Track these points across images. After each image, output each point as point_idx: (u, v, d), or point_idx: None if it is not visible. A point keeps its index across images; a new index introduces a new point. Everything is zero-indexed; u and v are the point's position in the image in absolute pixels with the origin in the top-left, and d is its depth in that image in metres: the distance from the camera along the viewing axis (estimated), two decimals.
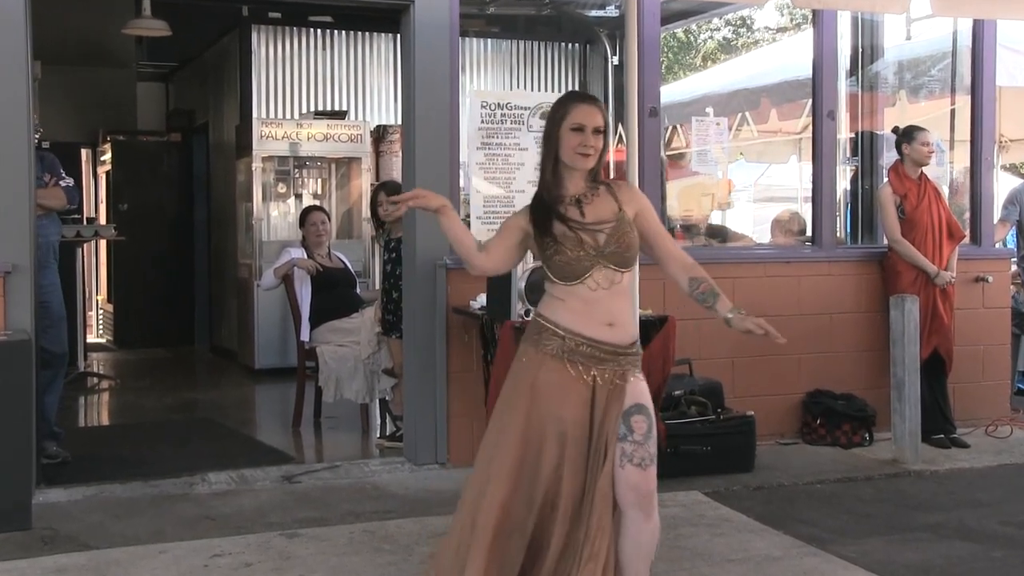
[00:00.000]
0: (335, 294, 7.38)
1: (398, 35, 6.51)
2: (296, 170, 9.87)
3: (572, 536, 3.30)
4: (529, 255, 3.66)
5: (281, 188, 9.84)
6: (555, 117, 3.40)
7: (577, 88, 11.24)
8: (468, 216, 6.31)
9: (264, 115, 10.09)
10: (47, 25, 6.81)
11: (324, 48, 10.61)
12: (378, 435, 6.97)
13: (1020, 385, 8.53)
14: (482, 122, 6.20)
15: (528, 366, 3.36)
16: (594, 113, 3.37)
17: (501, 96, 6.68)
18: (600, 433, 3.31)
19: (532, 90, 11.16)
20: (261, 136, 9.47)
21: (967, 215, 7.67)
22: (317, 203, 9.36)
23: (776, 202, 13.24)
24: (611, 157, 9.86)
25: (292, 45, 10.48)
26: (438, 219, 3.39)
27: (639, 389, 3.36)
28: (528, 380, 3.35)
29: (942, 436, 6.73)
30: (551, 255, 3.32)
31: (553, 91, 11.16)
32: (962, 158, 7.98)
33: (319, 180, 10.02)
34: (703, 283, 3.45)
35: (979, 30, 7.41)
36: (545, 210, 3.37)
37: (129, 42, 11.64)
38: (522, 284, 5.48)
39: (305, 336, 7.28)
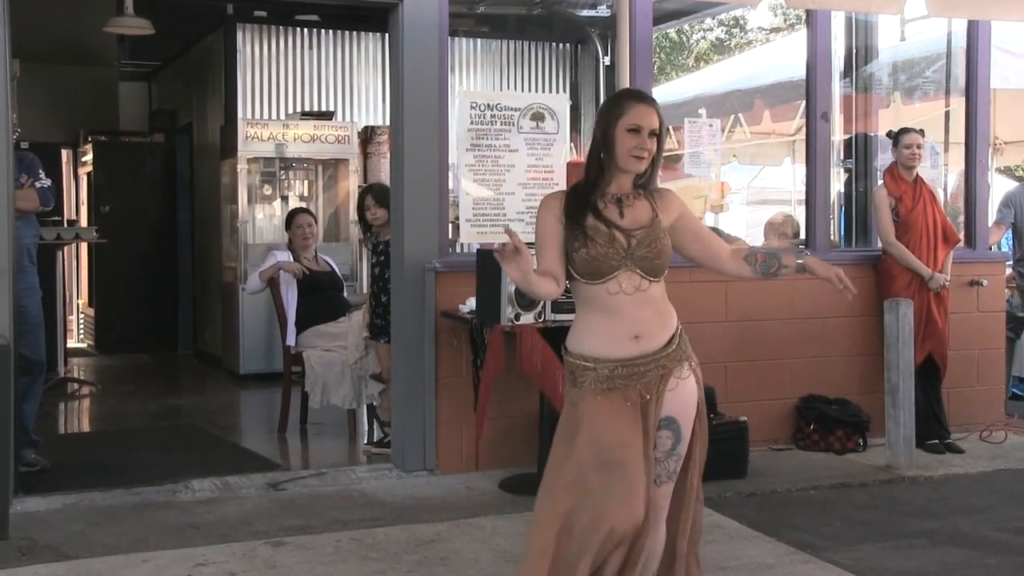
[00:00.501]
0: (322, 298, 7.37)
1: (386, 34, 6.52)
2: (282, 171, 9.85)
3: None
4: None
5: (267, 190, 9.82)
6: (610, 115, 3.27)
7: (567, 89, 11.27)
8: (458, 219, 6.32)
9: (249, 116, 10.06)
10: (26, 22, 6.80)
11: (311, 47, 10.60)
12: (365, 441, 6.96)
13: (1015, 390, 8.57)
14: (471, 123, 6.21)
15: (572, 407, 3.26)
16: (651, 114, 3.26)
17: (491, 97, 6.69)
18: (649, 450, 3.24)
19: (522, 91, 11.17)
20: (246, 137, 9.45)
21: (961, 218, 7.70)
22: (303, 205, 9.33)
23: (769, 204, 13.30)
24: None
25: (278, 44, 10.47)
26: (521, 276, 3.12)
27: (677, 397, 3.25)
28: (575, 416, 3.24)
29: (937, 441, 6.76)
30: (578, 247, 3.20)
31: (544, 92, 11.18)
32: (957, 160, 8.02)
33: (305, 182, 9.99)
34: (757, 253, 3.44)
35: (974, 31, 7.44)
36: (581, 199, 3.26)
37: (111, 40, 11.60)
38: (512, 288, 5.49)
39: (291, 341, 7.28)
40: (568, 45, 11.49)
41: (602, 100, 10.80)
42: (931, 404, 6.77)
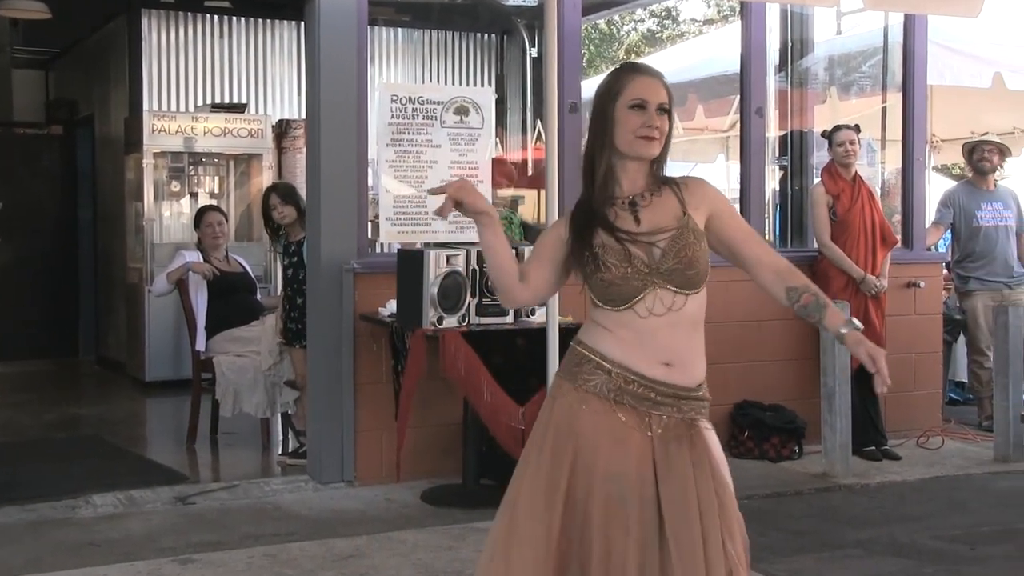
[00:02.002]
0: (233, 300, 7.31)
1: (302, 23, 6.48)
2: (191, 167, 9.74)
3: None
4: None
5: (174, 186, 9.70)
6: (608, 94, 2.85)
7: (493, 82, 11.29)
8: (377, 217, 6.30)
9: (156, 107, 9.93)
10: None
11: (221, 36, 10.49)
12: (280, 452, 6.91)
13: (951, 394, 8.76)
14: (392, 117, 6.19)
15: (566, 406, 2.83)
16: (657, 87, 2.84)
17: (413, 89, 6.68)
18: (671, 499, 2.74)
19: (445, 83, 11.16)
20: (152, 130, 9.33)
21: (898, 217, 7.85)
22: (214, 203, 9.25)
23: None
24: (530, 155, 9.93)
25: (186, 32, 10.35)
26: (479, 229, 2.87)
27: (712, 444, 2.85)
28: (567, 424, 2.81)
29: (873, 448, 6.88)
30: (591, 272, 2.80)
31: (468, 85, 11.18)
32: (894, 158, 8.17)
33: (216, 178, 9.90)
34: (804, 294, 2.91)
35: (911, 26, 7.60)
36: (587, 215, 2.84)
37: (3, 24, 11.40)
38: (435, 290, 5.50)
39: (201, 346, 7.20)
40: (493, 36, 11.51)
41: (529, 93, 10.84)
42: (868, 410, 6.89)
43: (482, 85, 11.19)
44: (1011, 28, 8.67)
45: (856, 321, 2.98)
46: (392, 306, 5.86)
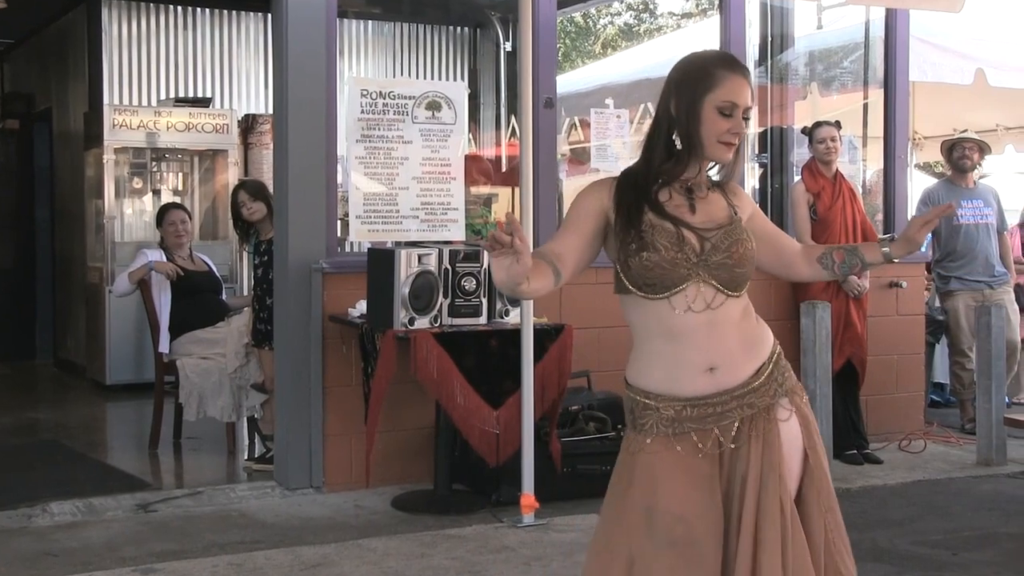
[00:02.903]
0: (198, 301, 7.28)
1: (268, 15, 6.46)
2: (154, 163, 9.70)
3: None
4: None
5: (136, 183, 9.66)
6: (694, 88, 2.72)
7: (466, 76, 11.29)
8: (347, 215, 6.28)
9: (117, 101, 9.89)
10: None
11: (185, 28, 10.45)
12: (246, 457, 6.90)
13: (933, 396, 8.82)
14: (362, 112, 6.18)
15: (626, 457, 2.77)
16: (747, 89, 2.73)
17: (383, 84, 6.68)
18: (748, 510, 2.66)
19: (417, 78, 11.16)
20: (113, 125, 9.28)
21: (880, 215, 7.90)
22: (177, 200, 9.21)
23: None
24: (504, 152, 9.94)
25: (149, 23, 10.30)
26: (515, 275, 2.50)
27: (789, 439, 2.75)
28: (627, 473, 2.74)
29: (855, 452, 6.92)
30: (635, 251, 2.67)
31: (440, 79, 11.18)
32: (876, 156, 8.22)
33: (180, 174, 9.86)
34: (833, 252, 2.96)
35: (892, 21, 7.64)
36: (638, 190, 2.74)
37: None
38: (406, 290, 5.49)
39: (164, 348, 7.17)
40: (466, 29, 11.51)
41: (503, 88, 10.84)
42: (849, 412, 6.93)
43: (455, 79, 11.19)
44: (993, 24, 8.75)
45: (883, 239, 3.02)
46: (362, 307, 5.85)
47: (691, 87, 2.73)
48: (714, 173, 2.86)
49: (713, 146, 2.73)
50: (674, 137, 2.76)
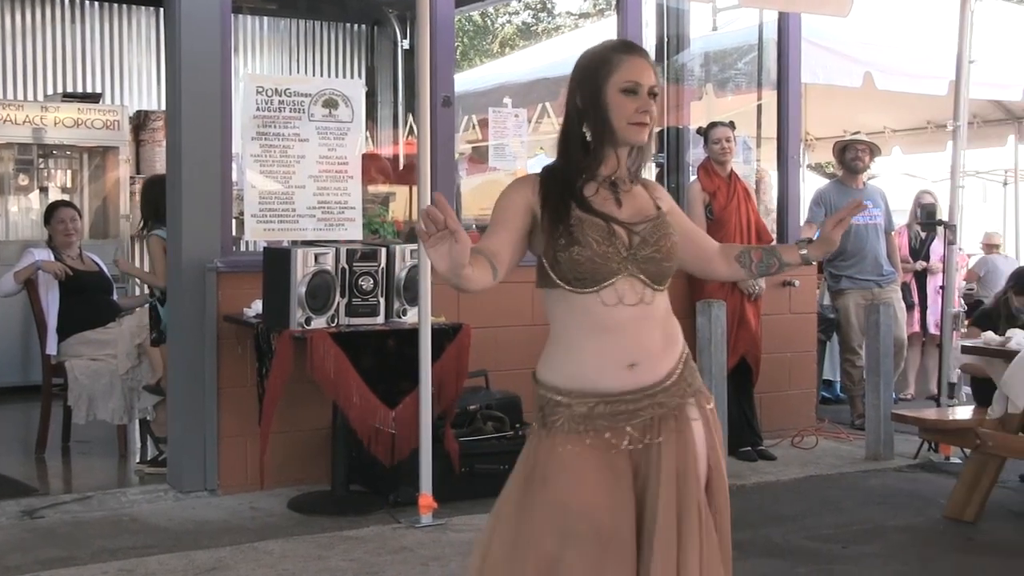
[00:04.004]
0: (88, 301, 7.13)
1: (161, 9, 6.36)
2: (41, 160, 9.50)
3: None
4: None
5: (22, 180, 9.45)
6: (596, 75, 2.74)
7: (363, 74, 11.23)
8: (242, 214, 6.21)
9: (1, 96, 9.65)
10: None
11: (74, 21, 10.25)
12: (138, 460, 6.78)
13: (825, 393, 9.01)
14: (257, 109, 6.11)
15: (533, 448, 2.74)
16: (649, 69, 2.74)
17: (279, 81, 6.62)
18: (662, 515, 2.65)
19: (313, 75, 11.08)
20: None
21: (773, 215, 8.04)
22: (66, 198, 9.02)
23: None
24: (402, 150, 9.90)
25: (34, 16, 10.08)
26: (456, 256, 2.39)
27: (682, 447, 2.71)
28: (536, 466, 2.70)
29: (749, 449, 7.03)
30: (564, 246, 2.65)
31: (337, 77, 11.11)
32: (769, 156, 8.36)
33: (68, 171, 9.68)
34: (752, 251, 2.98)
35: (784, 23, 7.79)
36: (563, 185, 2.72)
37: None
38: (302, 289, 5.45)
39: (52, 349, 7.01)
40: (364, 26, 11.46)
41: (401, 86, 10.81)
42: (743, 410, 7.04)
43: (352, 77, 11.14)
44: (880, 28, 8.96)
45: (801, 241, 3.02)
46: (258, 306, 5.79)
47: (593, 76, 2.74)
48: (631, 162, 2.83)
49: (625, 129, 2.72)
50: (585, 130, 2.76)
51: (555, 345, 2.76)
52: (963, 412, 6.34)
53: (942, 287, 7.65)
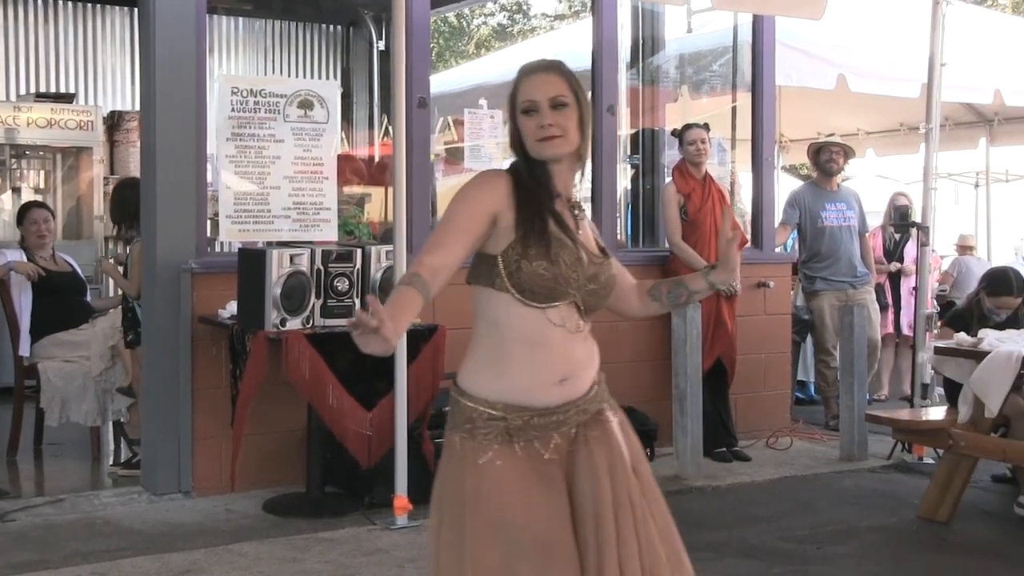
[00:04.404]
0: (61, 302, 7.08)
1: (135, 9, 6.32)
2: (13, 160, 9.44)
3: None
4: None
5: None
6: (510, 102, 2.76)
7: (338, 75, 11.20)
8: (217, 215, 6.18)
9: None
10: None
11: (47, 21, 10.19)
12: (111, 462, 6.74)
13: (799, 394, 9.04)
14: (232, 110, 6.08)
15: (462, 464, 2.68)
16: (545, 81, 2.73)
17: (254, 82, 6.58)
18: (598, 511, 2.68)
19: (289, 75, 11.05)
20: None
21: (747, 217, 8.05)
22: (39, 199, 8.95)
23: None
24: (377, 151, 9.88)
25: (6, 16, 10.02)
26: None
27: (607, 442, 2.78)
28: (470, 484, 2.66)
29: (724, 450, 7.04)
30: (533, 256, 2.63)
31: (312, 77, 11.09)
32: (744, 157, 8.38)
33: (41, 172, 9.61)
34: (662, 285, 3.01)
35: (759, 26, 7.81)
36: (534, 195, 2.70)
37: None
38: (277, 290, 5.42)
39: (25, 351, 6.96)
40: (339, 27, 11.43)
41: (376, 87, 10.80)
42: (719, 411, 7.05)
43: (327, 78, 11.12)
44: (853, 31, 9.00)
45: (705, 267, 3.06)
46: (232, 308, 5.76)
47: (511, 102, 2.77)
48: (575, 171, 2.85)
49: (535, 147, 2.72)
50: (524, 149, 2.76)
51: (484, 355, 2.74)
52: (936, 413, 6.36)
53: (915, 288, 7.68)
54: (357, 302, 5.70)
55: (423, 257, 2.59)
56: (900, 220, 8.71)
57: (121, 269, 6.56)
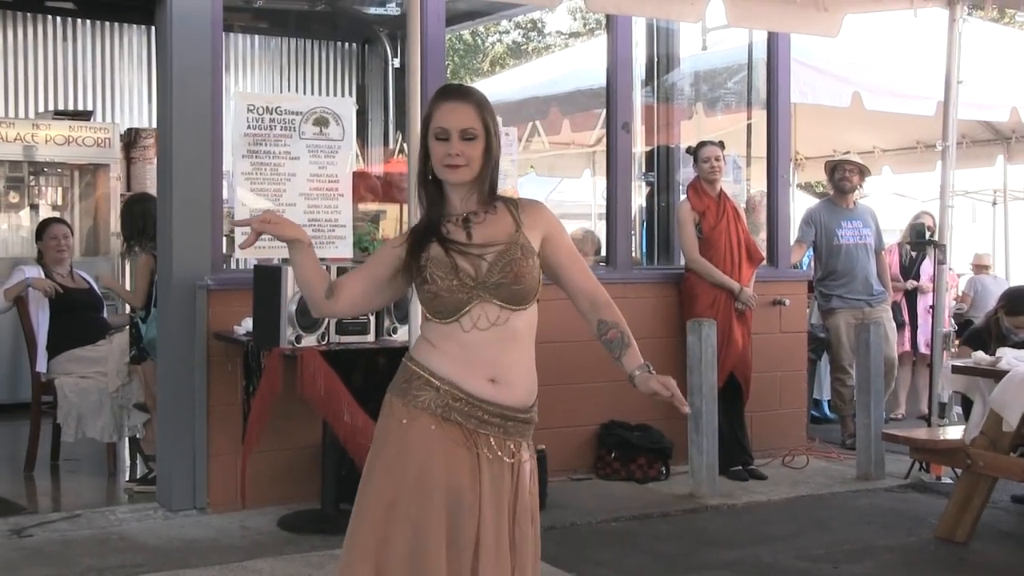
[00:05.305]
0: (78, 319, 7.11)
1: (152, 27, 6.36)
2: (32, 177, 9.48)
3: None
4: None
5: (13, 197, 9.43)
6: (424, 124, 2.98)
7: (354, 92, 11.24)
8: (232, 232, 6.20)
9: None
10: None
11: (65, 39, 10.26)
12: (127, 478, 6.76)
13: (814, 412, 9.01)
14: (248, 127, 6.11)
15: (395, 424, 2.95)
16: (460, 111, 2.92)
17: (270, 99, 6.62)
18: (488, 523, 2.90)
19: (304, 93, 11.09)
20: None
21: (763, 235, 8.04)
22: (57, 215, 9.01)
23: (568, 219, 13.58)
24: (391, 169, 9.90)
25: (26, 34, 10.08)
26: (289, 251, 2.97)
27: (527, 479, 2.99)
28: (396, 443, 2.93)
29: (740, 468, 7.02)
30: (420, 284, 2.92)
31: (328, 95, 11.13)
32: (759, 175, 8.37)
33: (60, 189, 9.66)
34: (612, 329, 3.13)
35: (774, 43, 7.81)
36: (423, 232, 2.96)
37: None
38: (293, 307, 5.43)
39: (42, 367, 6.99)
40: (354, 45, 11.47)
41: (391, 105, 10.83)
42: (734, 429, 7.03)
43: (342, 95, 11.15)
44: (868, 48, 9.00)
45: (649, 365, 3.19)
46: (248, 324, 5.77)
47: (425, 123, 2.98)
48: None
49: (441, 171, 2.94)
50: (428, 173, 2.98)
51: (428, 338, 2.99)
52: (954, 432, 6.33)
53: (932, 307, 7.65)
54: (372, 319, 5.70)
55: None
56: (915, 238, 8.69)
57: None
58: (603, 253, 7.60)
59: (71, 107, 10.09)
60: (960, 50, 7.22)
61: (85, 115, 9.86)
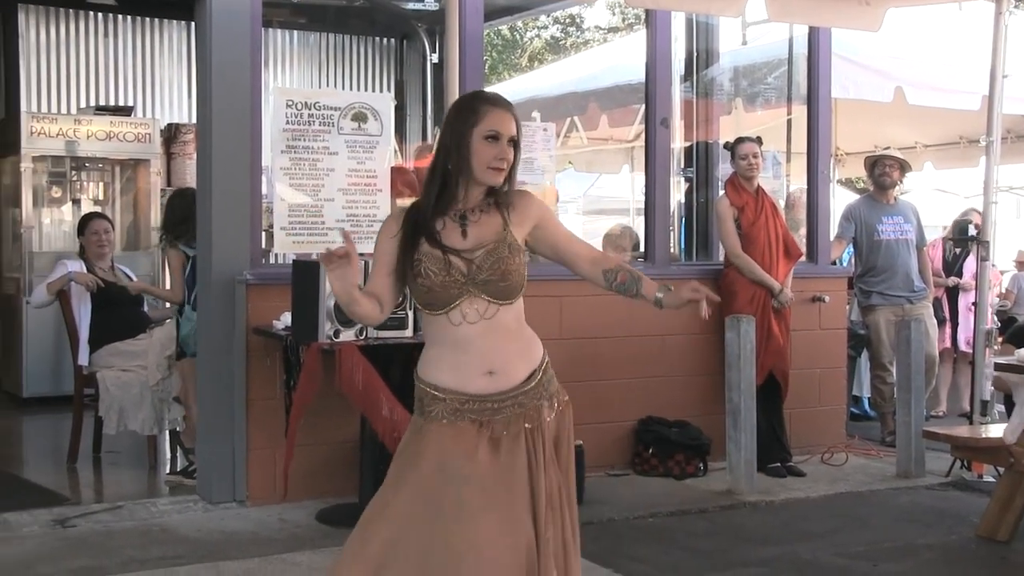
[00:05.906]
0: (119, 313, 7.19)
1: (192, 23, 6.41)
2: (74, 172, 9.58)
3: None
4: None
5: (55, 192, 9.53)
6: (463, 120, 3.12)
7: (392, 88, 11.28)
8: (271, 227, 6.25)
9: (35, 109, 9.77)
10: None
11: (106, 35, 10.34)
12: (168, 471, 6.82)
13: (853, 409, 8.96)
14: (287, 123, 6.15)
15: (414, 435, 3.17)
16: (510, 120, 3.14)
17: (309, 95, 6.64)
18: (543, 488, 3.09)
19: (343, 88, 11.13)
20: (31, 132, 9.14)
21: (803, 231, 8.01)
22: (99, 210, 9.08)
23: (607, 215, 13.57)
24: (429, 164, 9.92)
25: (68, 30, 10.17)
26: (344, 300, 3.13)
27: (555, 429, 3.17)
28: (413, 448, 3.14)
29: (778, 465, 7.00)
30: (414, 276, 3.10)
31: (366, 90, 11.17)
32: (799, 171, 8.34)
33: (101, 184, 9.74)
34: (619, 272, 3.31)
35: (815, 38, 7.77)
36: (419, 222, 3.13)
37: None
38: (331, 302, 5.46)
39: (84, 360, 7.07)
40: (393, 40, 11.50)
41: (430, 100, 10.85)
42: (772, 425, 7.01)
43: (381, 91, 11.19)
44: (910, 43, 8.93)
45: (670, 287, 3.33)
46: (287, 319, 5.80)
47: (461, 122, 3.13)
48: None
49: (483, 172, 3.12)
50: (449, 167, 3.14)
51: (429, 352, 3.19)
52: (996, 430, 6.28)
53: (974, 304, 7.59)
54: (410, 314, 5.73)
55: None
56: (958, 234, 8.62)
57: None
58: (641, 249, 7.59)
59: (112, 103, 10.17)
60: (1006, 43, 7.16)
61: (126, 111, 9.94)
